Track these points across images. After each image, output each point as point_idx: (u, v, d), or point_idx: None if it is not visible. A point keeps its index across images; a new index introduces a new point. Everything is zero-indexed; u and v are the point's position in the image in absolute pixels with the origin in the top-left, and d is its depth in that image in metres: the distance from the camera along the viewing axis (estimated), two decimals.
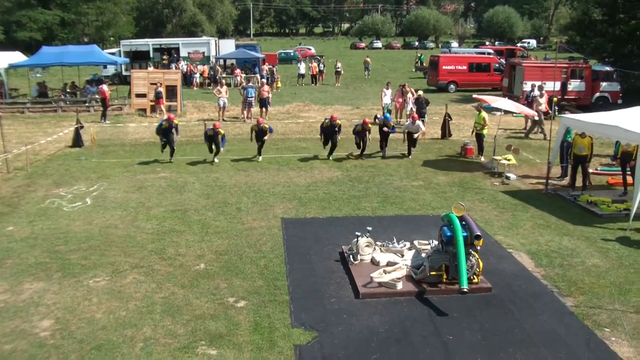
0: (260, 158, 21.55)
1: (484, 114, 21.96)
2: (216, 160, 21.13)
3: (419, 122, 22.34)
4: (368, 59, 56.53)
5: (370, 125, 21.72)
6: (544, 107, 26.69)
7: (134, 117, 30.78)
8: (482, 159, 21.95)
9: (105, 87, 30.72)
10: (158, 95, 30.48)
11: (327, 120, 21.67)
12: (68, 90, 36.88)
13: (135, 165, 20.57)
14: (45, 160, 21.35)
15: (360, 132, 21.71)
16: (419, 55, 66.09)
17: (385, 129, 22.11)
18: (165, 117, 21.78)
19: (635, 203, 14.73)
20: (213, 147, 21.09)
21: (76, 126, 23.80)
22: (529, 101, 28.06)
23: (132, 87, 32.58)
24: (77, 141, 23.56)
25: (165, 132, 20.80)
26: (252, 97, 29.82)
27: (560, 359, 9.08)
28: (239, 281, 11.53)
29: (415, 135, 22.15)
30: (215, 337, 9.49)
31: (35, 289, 11.02)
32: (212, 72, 45.10)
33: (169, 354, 8.99)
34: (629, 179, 17.38)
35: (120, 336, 9.44)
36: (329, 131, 21.62)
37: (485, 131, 21.88)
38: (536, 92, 28.69)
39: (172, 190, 17.44)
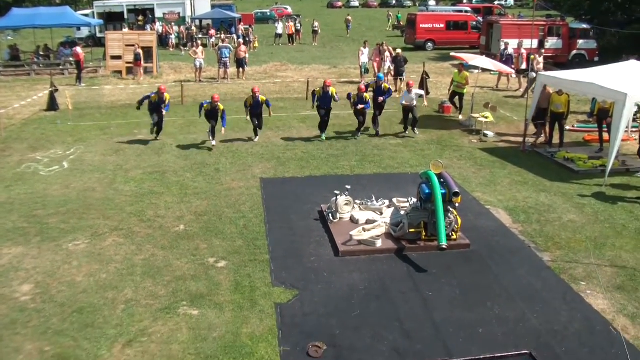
0: (257, 139, 18.86)
1: (466, 73, 21.92)
2: (214, 143, 17.98)
3: (416, 91, 19.55)
4: (349, 17, 56.27)
5: (366, 95, 18.88)
6: (541, 65, 26.71)
7: (109, 80, 30.36)
8: (461, 117, 21.98)
9: (79, 49, 30.18)
10: (137, 57, 30.05)
11: (319, 89, 18.78)
12: (41, 53, 36.17)
13: (112, 127, 20.36)
14: (20, 124, 21.05)
15: (359, 110, 18.85)
16: (391, 14, 65.51)
17: (380, 98, 19.37)
18: (154, 92, 18.55)
19: (611, 159, 14.90)
20: (214, 129, 17.96)
21: (51, 89, 23.43)
22: (504, 60, 28.06)
23: (107, 49, 32.06)
24: (52, 105, 23.22)
25: (155, 108, 18.07)
26: (226, 57, 29.44)
27: (537, 312, 9.22)
28: (219, 242, 11.54)
29: (414, 102, 19.23)
30: (196, 297, 9.52)
31: (14, 254, 10.95)
32: (188, 33, 44.44)
33: (150, 315, 9.02)
34: (605, 136, 17.54)
35: (102, 299, 9.44)
36: (324, 103, 18.67)
37: (465, 90, 21.88)
38: (510, 51, 28.73)
39: (150, 152, 17.33)
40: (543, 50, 28.73)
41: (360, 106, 18.79)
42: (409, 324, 8.87)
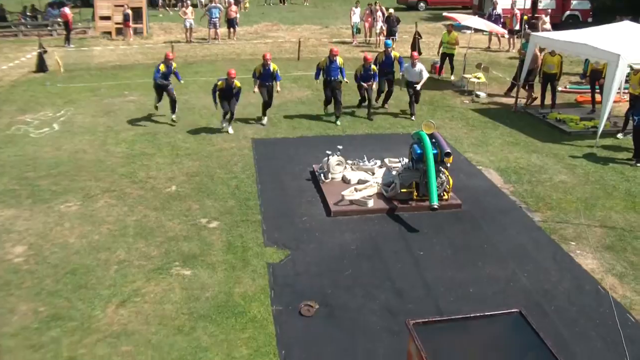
0: (266, 120, 16.63)
1: (456, 34, 21.77)
2: (230, 131, 15.67)
3: (420, 66, 17.09)
4: None
5: (374, 67, 16.72)
6: (548, 25, 26.49)
7: (99, 41, 29.96)
8: (452, 77, 21.90)
9: (67, 9, 29.63)
10: (126, 18, 29.65)
11: (324, 59, 16.46)
12: (28, 13, 35.56)
13: (102, 89, 20.18)
14: (9, 86, 20.80)
15: (363, 84, 16.77)
16: None
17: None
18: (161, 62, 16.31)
19: (603, 120, 14.92)
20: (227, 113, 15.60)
21: (39, 51, 23.12)
22: (493, 19, 27.82)
23: (96, 9, 31.51)
24: (41, 66, 22.92)
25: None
26: (216, 17, 29.05)
27: (527, 271, 9.32)
28: (211, 202, 11.56)
29: (418, 87, 16.97)
30: (188, 257, 9.57)
31: (6, 216, 10.93)
32: None
33: (143, 275, 9.06)
34: (598, 97, 17.52)
35: (95, 260, 9.46)
36: (332, 82, 16.27)
37: (455, 51, 21.75)
38: (499, 10, 28.45)
39: (141, 114, 17.21)
40: (550, 10, 28.38)
41: (367, 83, 16.65)
42: (401, 283, 8.95)
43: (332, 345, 7.59)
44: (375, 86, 16.94)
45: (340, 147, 12.55)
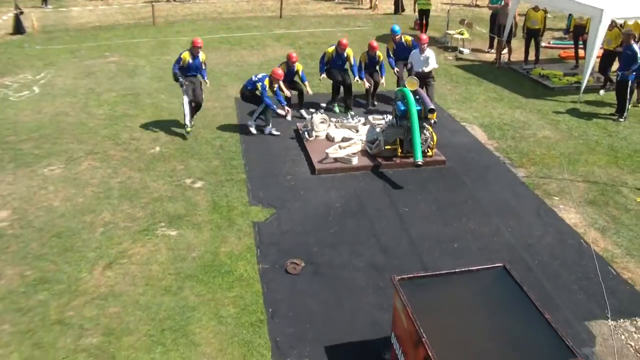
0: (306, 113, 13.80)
1: None
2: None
3: (429, 52, 13.89)
4: None
5: (379, 54, 14.31)
6: None
7: (77, 1, 29.43)
8: (424, 35, 21.72)
9: None
10: None
11: (331, 50, 14.03)
12: None
13: (82, 50, 19.89)
14: None
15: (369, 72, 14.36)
16: None
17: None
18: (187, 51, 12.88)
19: (586, 76, 14.94)
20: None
21: (15, 12, 22.68)
22: None
23: None
24: (18, 28, 22.50)
25: (188, 74, 12.81)
26: None
27: (511, 226, 9.41)
28: (195, 162, 11.53)
29: (428, 69, 13.78)
30: (174, 218, 9.57)
31: None
32: None
33: (129, 237, 9.06)
34: (581, 52, 17.52)
35: (80, 222, 9.44)
36: (337, 69, 14.08)
37: (430, 7, 21.62)
38: None
39: (123, 75, 17.03)
40: None
41: (366, 83, 14.22)
42: (386, 240, 9.01)
43: (318, 302, 7.66)
44: (382, 80, 14.52)
45: (323, 104, 12.48)
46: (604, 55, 15.74)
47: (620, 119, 13.76)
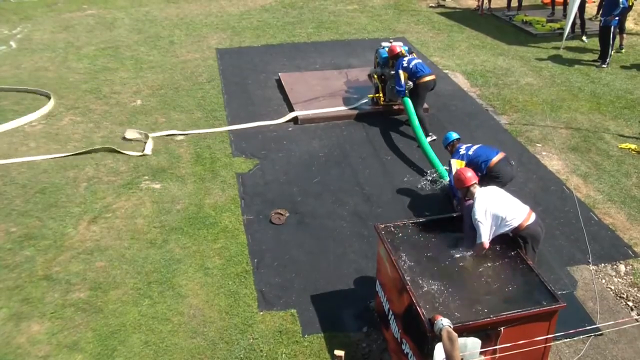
0: None
1: None
2: None
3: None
4: None
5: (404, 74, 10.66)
6: None
7: None
8: None
9: None
10: None
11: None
12: None
13: (59, 3, 19.47)
14: None
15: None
16: None
17: None
18: None
19: (569, 22, 14.84)
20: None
21: None
22: None
23: None
24: None
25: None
26: None
27: None
28: (177, 114, 11.46)
29: None
30: (157, 171, 9.56)
31: None
32: None
33: (113, 191, 9.05)
34: None
35: (63, 178, 9.41)
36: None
37: None
38: None
39: (101, 28, 16.74)
40: None
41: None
42: (369, 189, 9.07)
43: (303, 251, 7.75)
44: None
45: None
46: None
47: (603, 65, 13.76)
